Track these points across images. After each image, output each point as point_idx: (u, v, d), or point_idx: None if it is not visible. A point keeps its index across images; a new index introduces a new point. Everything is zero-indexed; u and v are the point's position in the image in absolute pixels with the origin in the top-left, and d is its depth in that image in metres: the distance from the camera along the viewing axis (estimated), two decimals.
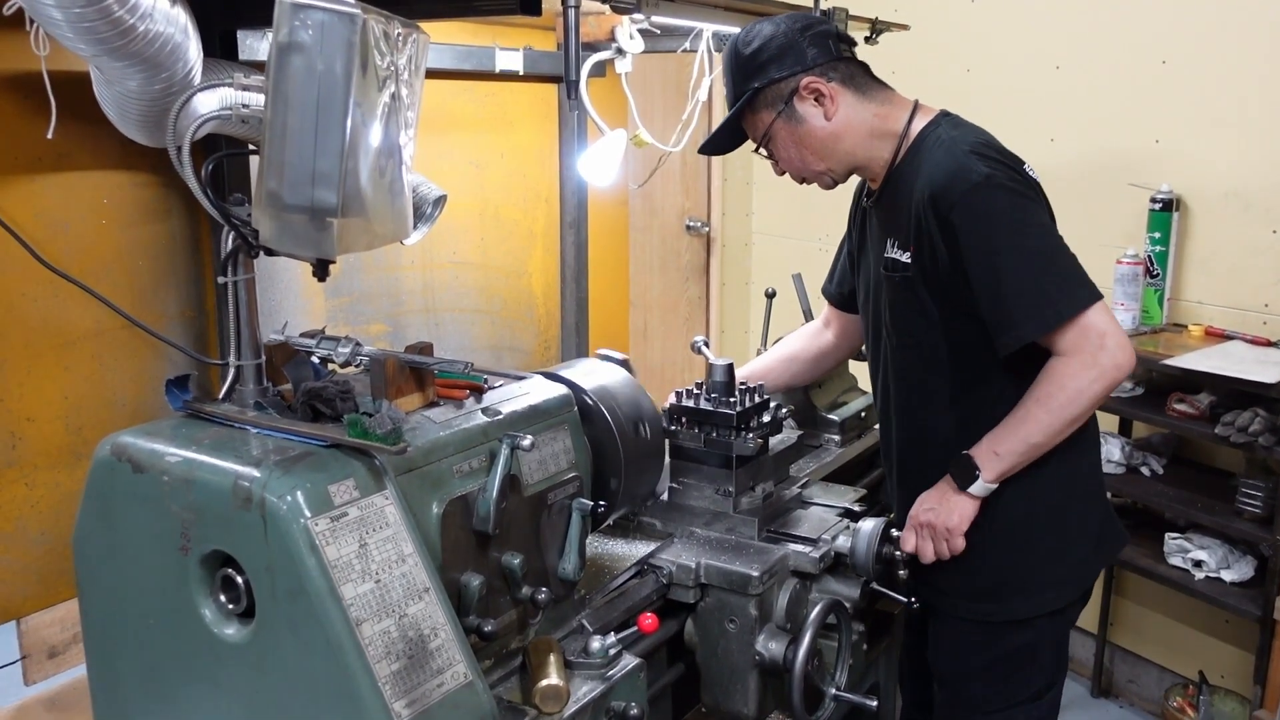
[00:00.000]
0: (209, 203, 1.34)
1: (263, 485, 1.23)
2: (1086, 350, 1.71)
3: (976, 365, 1.86)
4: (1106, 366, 1.71)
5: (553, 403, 1.64)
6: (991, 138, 1.85)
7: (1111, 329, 1.72)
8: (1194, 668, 3.18)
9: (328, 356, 1.53)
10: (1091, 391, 1.73)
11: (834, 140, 1.86)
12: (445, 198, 2.15)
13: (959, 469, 1.84)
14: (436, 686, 1.27)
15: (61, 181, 2.01)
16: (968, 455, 1.83)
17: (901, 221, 1.85)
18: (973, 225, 1.73)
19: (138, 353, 2.15)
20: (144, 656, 1.42)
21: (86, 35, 1.39)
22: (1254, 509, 2.78)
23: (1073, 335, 1.71)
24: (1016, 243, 1.73)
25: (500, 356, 3.08)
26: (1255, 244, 3.02)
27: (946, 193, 1.74)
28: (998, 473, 1.81)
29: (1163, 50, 3.15)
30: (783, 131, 1.86)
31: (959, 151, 1.76)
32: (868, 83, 1.89)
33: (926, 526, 1.87)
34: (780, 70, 1.82)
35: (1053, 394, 1.74)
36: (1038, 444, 1.78)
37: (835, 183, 1.95)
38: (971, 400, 1.90)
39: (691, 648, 1.81)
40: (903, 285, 1.88)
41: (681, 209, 4.55)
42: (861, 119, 1.86)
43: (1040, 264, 1.73)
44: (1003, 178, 1.74)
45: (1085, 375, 1.72)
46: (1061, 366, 1.74)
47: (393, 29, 1.30)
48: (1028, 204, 1.76)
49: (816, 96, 1.83)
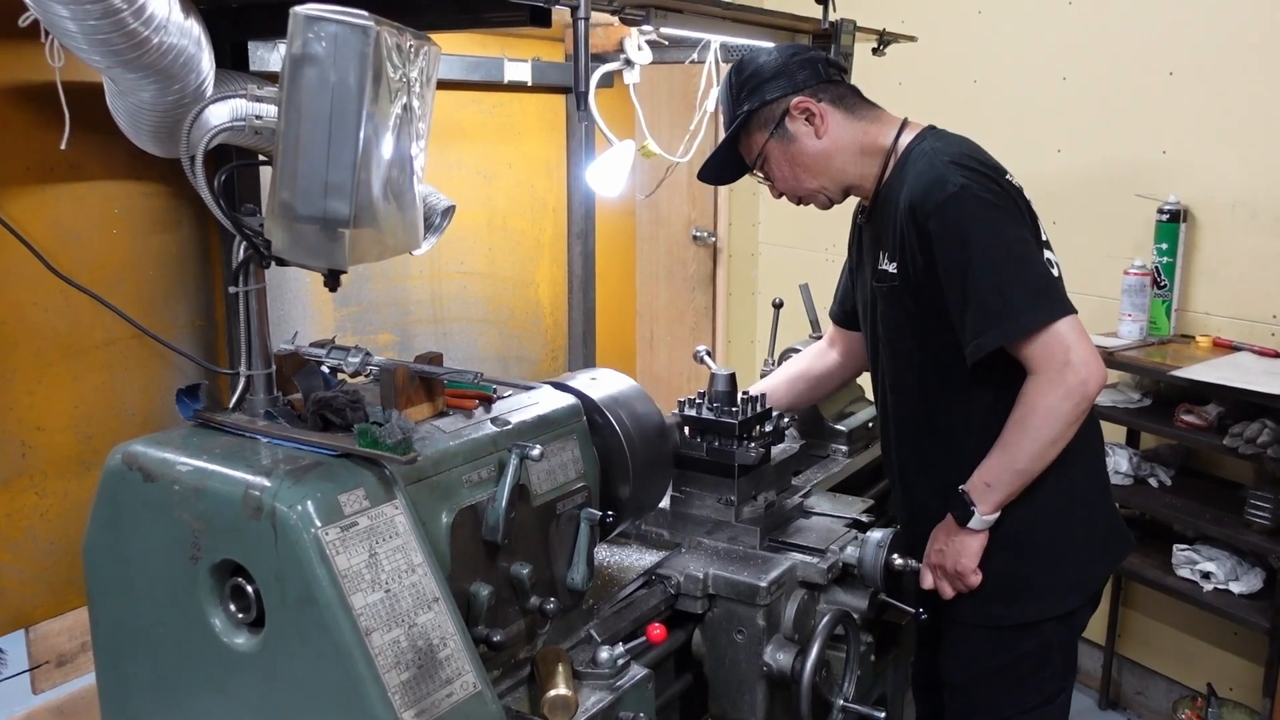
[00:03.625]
0: (221, 213, 1.35)
1: (273, 495, 1.24)
2: (1052, 367, 1.72)
3: (958, 372, 1.87)
4: (1072, 383, 1.71)
5: (561, 412, 1.64)
6: (975, 148, 1.88)
7: (1078, 344, 1.71)
8: (1202, 680, 3.16)
9: (338, 366, 1.53)
10: (1062, 410, 1.73)
11: (825, 158, 1.91)
12: (454, 208, 2.15)
13: (957, 506, 1.87)
14: (446, 696, 1.27)
15: (73, 191, 2.03)
16: (963, 490, 1.85)
17: (888, 233, 1.89)
18: (946, 235, 1.76)
19: (148, 362, 2.16)
20: (153, 665, 1.42)
21: (101, 47, 1.40)
22: (1263, 520, 2.76)
23: (1038, 349, 1.72)
24: (986, 254, 1.75)
25: (507, 366, 3.08)
26: (1263, 254, 3.01)
27: (924, 202, 1.78)
28: (993, 504, 1.83)
29: (1170, 61, 3.15)
30: (776, 151, 1.93)
31: (939, 162, 1.80)
32: (857, 103, 1.95)
33: (939, 568, 1.91)
34: (772, 92, 1.90)
35: (1026, 417, 1.76)
36: (1022, 469, 1.80)
37: (831, 202, 1.99)
38: (965, 410, 1.91)
39: (699, 658, 1.81)
40: (891, 295, 1.91)
41: (688, 219, 4.56)
42: (851, 136, 1.91)
43: (1007, 276, 1.74)
44: (978, 189, 1.76)
45: (1053, 394, 1.72)
46: (1031, 388, 1.75)
47: (405, 41, 1.30)
48: (1002, 215, 1.78)
49: (807, 116, 1.89)
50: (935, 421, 1.96)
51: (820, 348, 2.36)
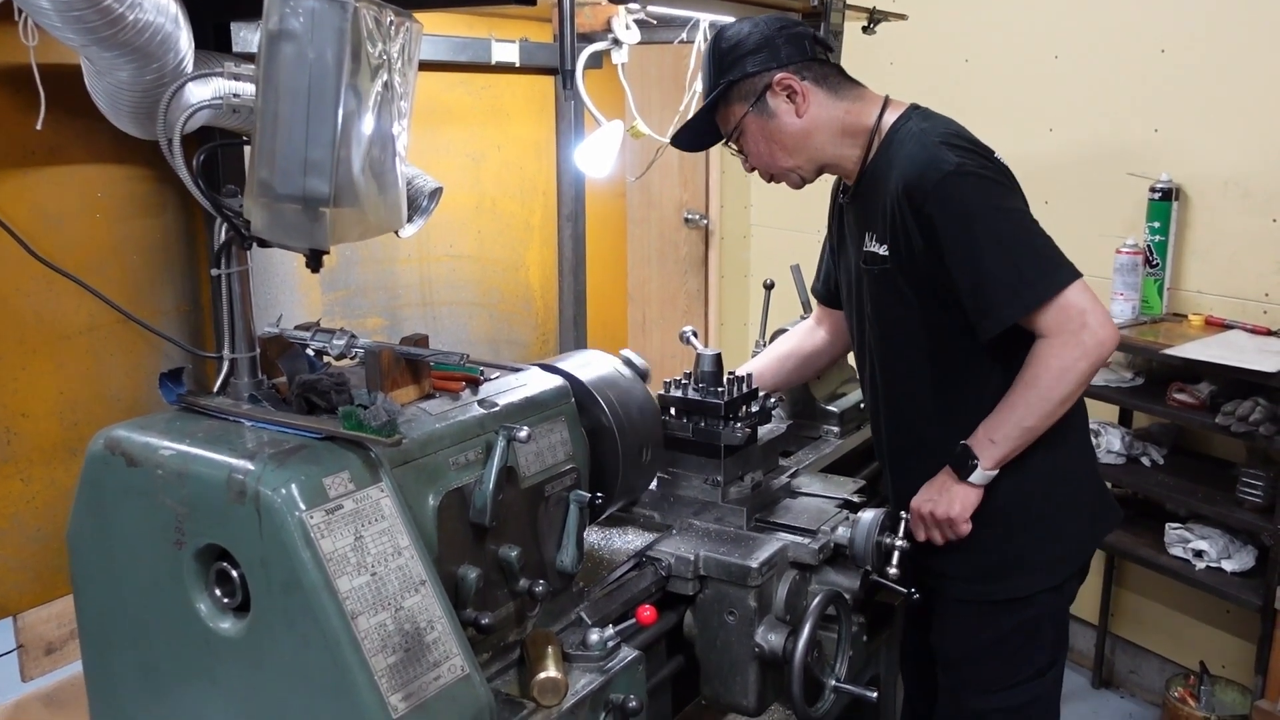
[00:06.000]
0: (200, 193, 1.33)
1: (257, 478, 1.22)
2: (1068, 329, 1.73)
3: (960, 352, 1.88)
4: (1089, 344, 1.73)
5: (549, 394, 1.63)
6: (961, 128, 1.88)
7: (1091, 306, 1.74)
8: (1195, 658, 3.18)
9: (322, 349, 1.51)
10: (1078, 369, 1.75)
11: (804, 137, 1.89)
12: (441, 190, 2.14)
13: (957, 459, 1.86)
14: (434, 679, 1.26)
15: (54, 175, 2.00)
16: (965, 445, 1.85)
17: (877, 215, 1.87)
18: (948, 215, 1.75)
19: (132, 347, 2.14)
20: (140, 651, 1.41)
21: (75, 24, 1.38)
22: (1255, 498, 2.77)
23: (1053, 315, 1.73)
24: (991, 228, 1.75)
25: (498, 350, 3.07)
26: (1255, 233, 3.01)
27: (920, 184, 1.76)
28: (995, 459, 1.83)
29: (1162, 39, 3.13)
30: (754, 125, 1.89)
31: (929, 143, 1.79)
32: (841, 83, 1.92)
33: (929, 517, 1.90)
34: (755, 65, 1.86)
35: (1040, 375, 1.76)
36: (1030, 427, 1.80)
37: (804, 181, 1.98)
38: (957, 387, 1.92)
39: (691, 640, 1.80)
40: (882, 278, 1.90)
41: (679, 201, 4.54)
42: (832, 116, 1.89)
43: (1016, 247, 1.75)
44: (973, 165, 1.76)
45: (1070, 354, 1.74)
46: (1045, 348, 1.75)
47: (384, 17, 1.28)
48: (1000, 189, 1.79)
49: (789, 93, 1.86)
50: (938, 402, 1.95)
51: (808, 326, 2.36)
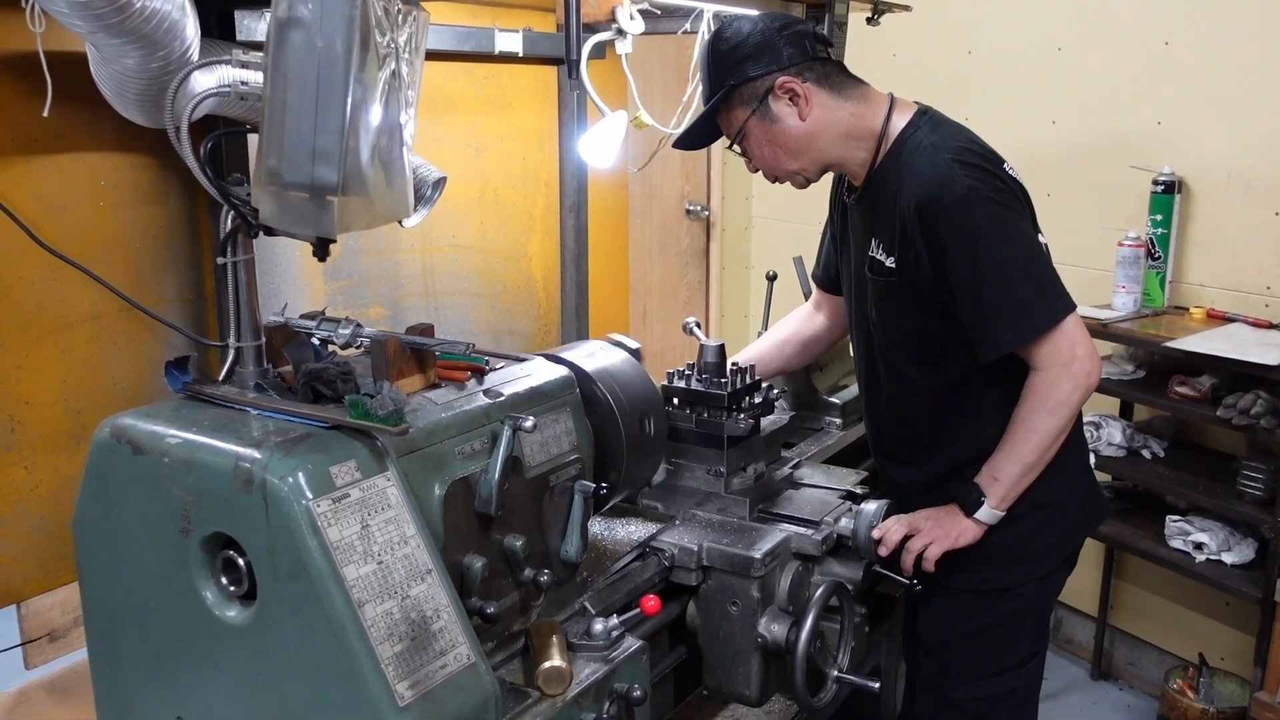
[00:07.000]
0: (207, 181, 1.33)
1: (264, 467, 1.23)
2: (1059, 361, 1.79)
3: (962, 361, 1.90)
4: (1079, 376, 1.80)
5: (554, 384, 1.63)
6: (972, 137, 1.87)
7: (1081, 339, 1.81)
8: (1194, 650, 3.19)
9: (328, 338, 1.51)
10: (1071, 401, 1.82)
11: (808, 140, 1.87)
12: (445, 180, 2.13)
13: (964, 496, 1.89)
14: (439, 668, 1.26)
15: (58, 163, 2.00)
16: (974, 483, 1.88)
17: (885, 225, 1.88)
18: (957, 238, 1.78)
19: (136, 335, 2.14)
20: (145, 639, 1.41)
21: (82, 11, 1.37)
22: (1255, 491, 2.77)
23: (1048, 347, 1.79)
24: (997, 256, 1.78)
25: (500, 340, 3.06)
26: (1257, 226, 3.01)
27: (932, 205, 1.78)
28: (1000, 496, 1.86)
29: (1165, 31, 3.13)
30: (756, 130, 1.88)
31: (942, 161, 1.79)
32: (844, 82, 1.89)
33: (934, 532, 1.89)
34: (756, 68, 1.83)
35: (1036, 410, 1.82)
36: (1031, 463, 1.84)
37: (808, 182, 1.97)
38: (958, 394, 1.94)
39: (694, 630, 1.80)
40: (889, 290, 1.91)
41: (681, 193, 4.53)
42: (837, 119, 1.87)
43: (1019, 278, 1.79)
44: (985, 189, 1.78)
45: (1063, 387, 1.80)
46: (1039, 381, 1.81)
47: (393, 6, 1.28)
48: (1009, 214, 1.81)
49: (791, 96, 1.84)
50: (928, 402, 1.97)
51: (807, 311, 2.37)
